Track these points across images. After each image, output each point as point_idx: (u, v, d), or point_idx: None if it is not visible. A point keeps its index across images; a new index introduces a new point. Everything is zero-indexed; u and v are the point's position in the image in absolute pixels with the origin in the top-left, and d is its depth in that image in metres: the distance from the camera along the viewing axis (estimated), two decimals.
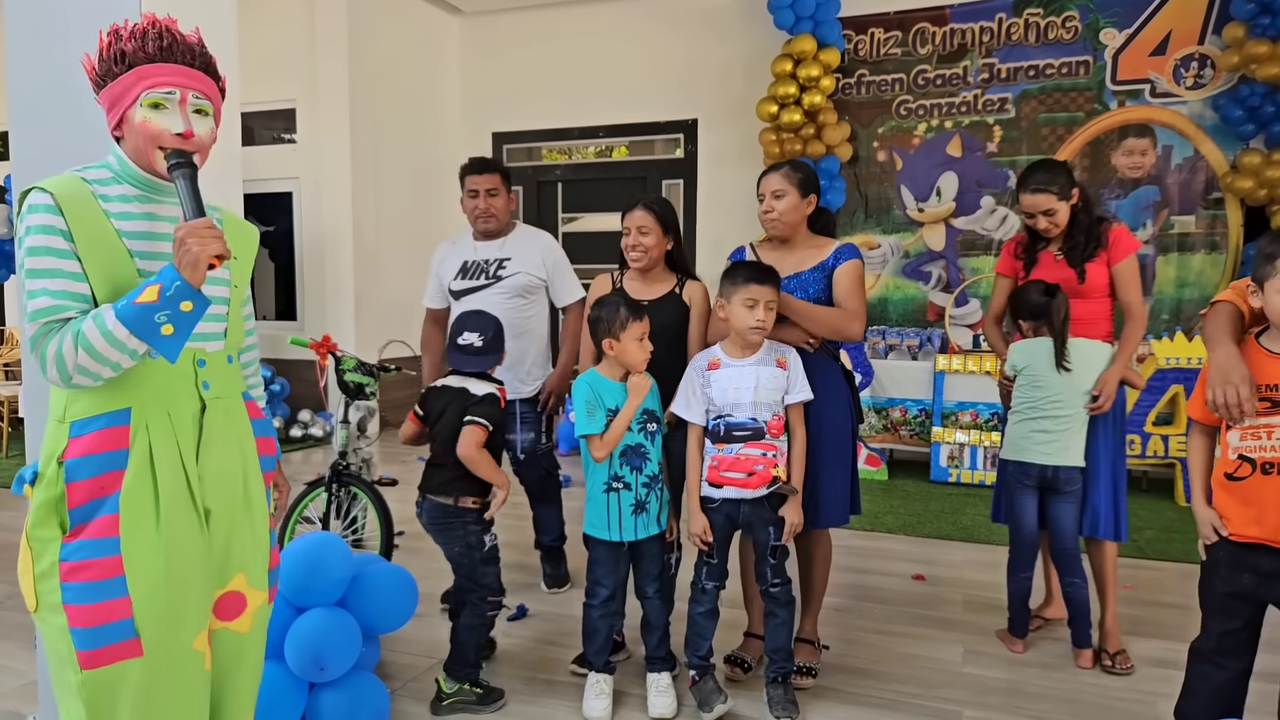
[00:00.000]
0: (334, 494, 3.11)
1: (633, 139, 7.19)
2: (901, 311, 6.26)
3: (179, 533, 1.48)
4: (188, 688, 1.50)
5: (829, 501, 2.55)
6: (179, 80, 1.48)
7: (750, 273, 2.37)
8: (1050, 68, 5.83)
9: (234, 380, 1.64)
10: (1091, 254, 2.75)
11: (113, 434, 1.45)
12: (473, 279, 3.18)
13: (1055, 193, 2.74)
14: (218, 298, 1.59)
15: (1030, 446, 2.75)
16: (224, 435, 1.57)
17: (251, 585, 1.61)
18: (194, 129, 1.50)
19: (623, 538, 2.44)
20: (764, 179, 2.61)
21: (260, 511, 1.64)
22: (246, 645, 1.63)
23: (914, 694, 2.57)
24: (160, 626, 1.45)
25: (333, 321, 6.64)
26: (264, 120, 6.93)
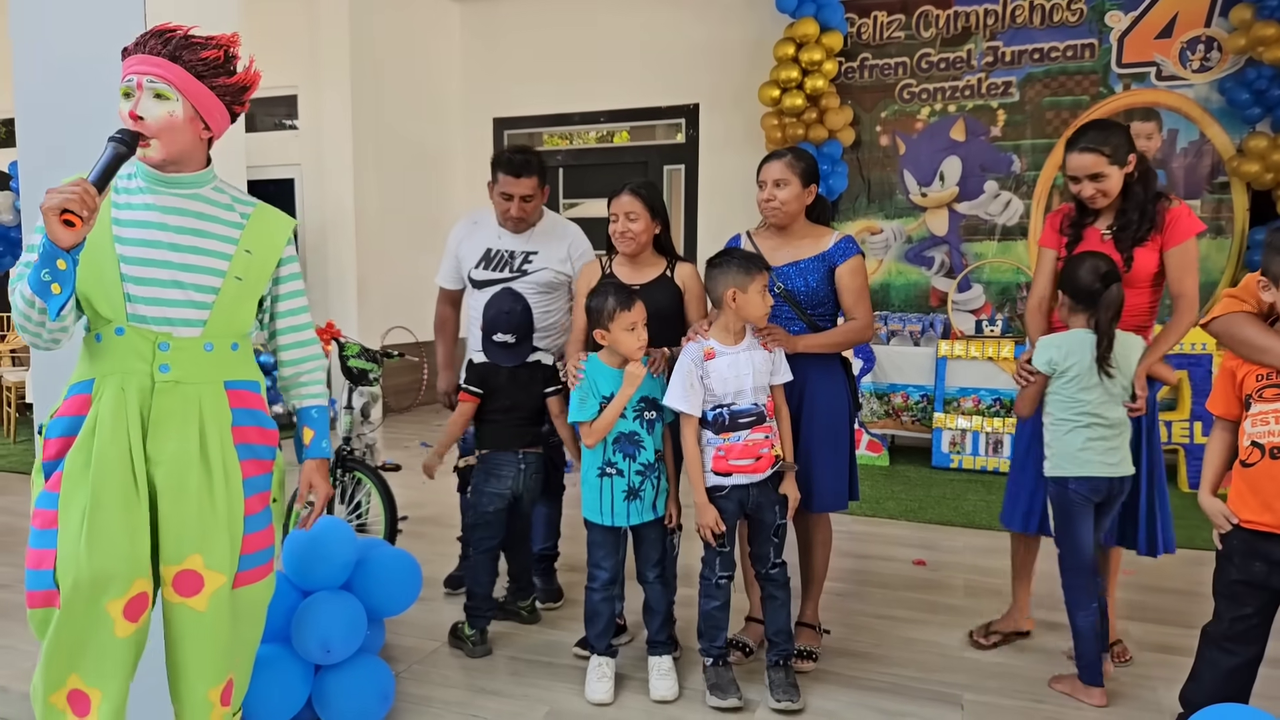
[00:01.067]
0: (338, 479, 3.13)
1: (634, 124, 7.16)
2: (904, 297, 6.25)
3: (107, 501, 1.59)
4: (99, 646, 1.61)
5: (824, 486, 2.57)
6: (137, 68, 1.60)
7: (759, 260, 2.40)
8: (1055, 51, 5.79)
9: (214, 368, 1.70)
10: (1144, 236, 2.41)
11: (80, 401, 1.64)
12: (496, 270, 3.01)
13: (1107, 155, 2.38)
14: (204, 286, 1.67)
15: (1093, 458, 2.36)
16: (181, 418, 1.65)
17: (209, 567, 1.68)
18: (141, 111, 1.60)
19: (614, 523, 2.47)
20: (765, 166, 2.59)
21: (231, 497, 1.70)
22: (204, 624, 1.69)
23: (915, 678, 2.59)
24: (74, 585, 1.57)
25: (335, 308, 6.65)
26: (266, 107, 6.90)
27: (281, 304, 1.86)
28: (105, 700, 1.62)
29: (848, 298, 2.57)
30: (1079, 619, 2.40)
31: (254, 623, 1.81)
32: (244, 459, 1.74)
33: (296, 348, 1.90)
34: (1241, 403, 1.96)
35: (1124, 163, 2.40)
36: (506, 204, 2.92)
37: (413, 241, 6.88)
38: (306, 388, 1.93)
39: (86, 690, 1.61)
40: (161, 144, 1.62)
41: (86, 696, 1.62)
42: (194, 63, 1.61)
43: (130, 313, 1.63)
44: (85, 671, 1.61)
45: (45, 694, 1.61)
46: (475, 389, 2.70)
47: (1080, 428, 2.37)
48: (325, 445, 1.95)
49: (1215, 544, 2.02)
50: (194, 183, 1.71)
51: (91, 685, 1.62)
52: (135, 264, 1.63)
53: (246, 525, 1.73)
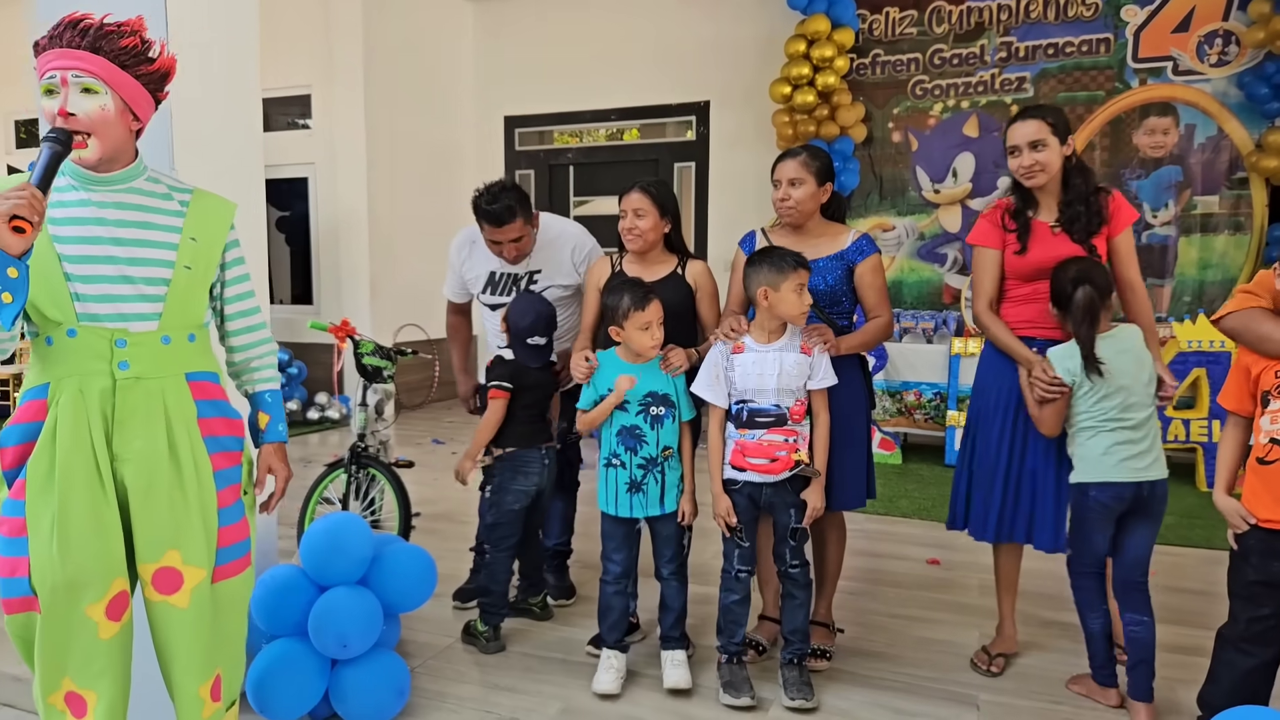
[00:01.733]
0: (353, 475, 3.14)
1: (644, 122, 7.15)
2: (916, 294, 6.22)
3: (75, 506, 1.57)
4: (85, 650, 1.60)
5: (842, 484, 2.55)
6: (58, 63, 1.55)
7: (796, 258, 2.35)
8: (1070, 46, 5.75)
9: (173, 361, 1.68)
10: (1096, 229, 2.38)
11: (36, 406, 1.61)
12: (504, 294, 2.98)
13: (1050, 123, 2.36)
14: (154, 279, 1.64)
15: (1119, 464, 2.25)
16: (146, 415, 1.63)
17: (187, 562, 1.67)
18: (72, 107, 1.54)
19: (619, 513, 2.49)
20: (780, 165, 2.56)
21: (204, 491, 1.69)
22: (188, 620, 1.69)
23: (929, 677, 2.57)
24: (52, 590, 1.56)
25: (349, 305, 6.68)
26: (280, 106, 6.94)
27: (230, 289, 1.82)
28: (101, 701, 1.62)
29: (870, 296, 2.56)
30: (1090, 621, 2.36)
31: (236, 617, 1.80)
32: (213, 452, 1.72)
33: (246, 333, 1.87)
34: (1257, 399, 1.94)
35: (1064, 139, 2.39)
36: (498, 248, 2.87)
37: (425, 239, 6.89)
38: (259, 373, 1.90)
39: (80, 693, 1.61)
40: (98, 140, 1.57)
41: (82, 699, 1.62)
42: (116, 53, 1.57)
43: (80, 312, 1.59)
44: (75, 675, 1.61)
45: (44, 695, 1.62)
46: (507, 384, 2.70)
47: (1105, 433, 2.27)
48: (281, 429, 1.91)
49: (1230, 544, 1.99)
50: (127, 176, 1.66)
51: (85, 688, 1.61)
52: (78, 262, 1.59)
53: (220, 518, 1.72)
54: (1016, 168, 2.43)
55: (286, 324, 6.48)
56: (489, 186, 2.82)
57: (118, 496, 1.63)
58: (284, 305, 7.06)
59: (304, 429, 6.36)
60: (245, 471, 1.82)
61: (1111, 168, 5.70)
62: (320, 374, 6.70)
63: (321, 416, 6.56)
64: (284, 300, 7.11)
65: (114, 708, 1.65)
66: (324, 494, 3.24)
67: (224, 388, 1.81)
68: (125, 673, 1.68)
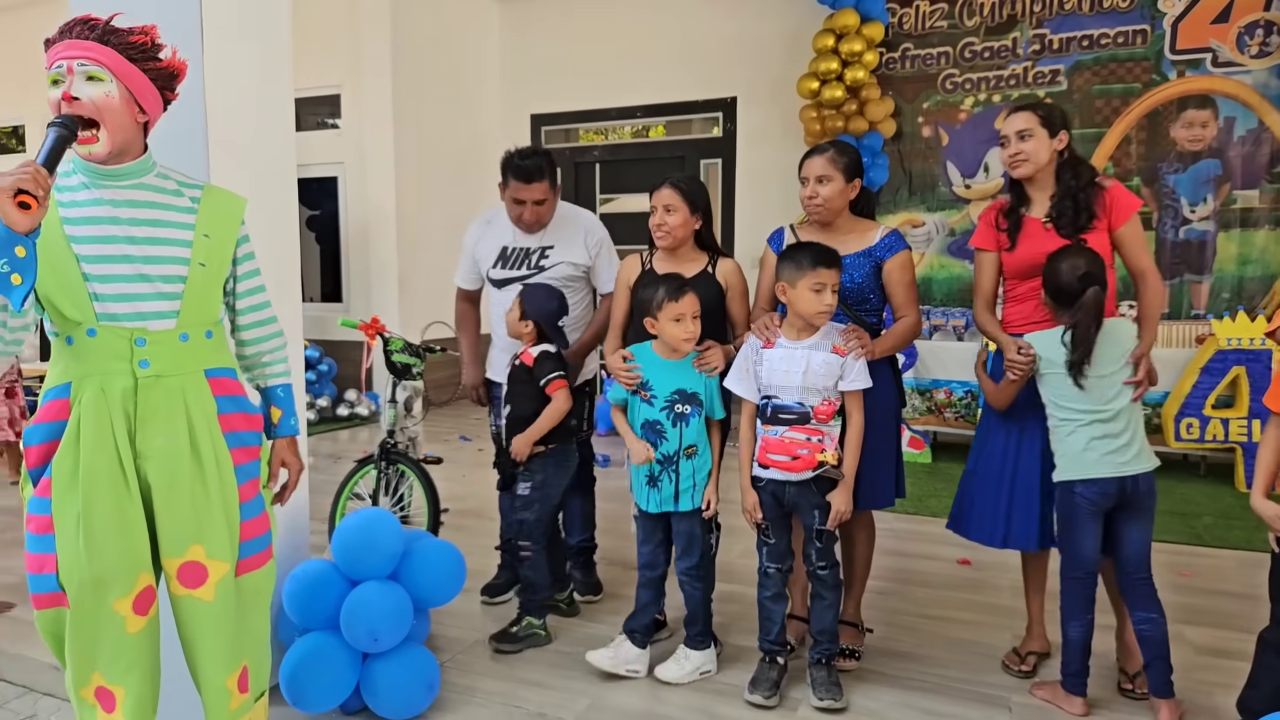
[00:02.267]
0: (383, 471, 3.16)
1: (670, 119, 7.14)
2: (946, 291, 6.15)
3: (100, 503, 1.59)
4: (114, 644, 1.62)
5: (872, 483, 2.52)
6: (64, 53, 1.56)
7: (817, 256, 2.33)
8: (1105, 38, 5.64)
9: (192, 358, 1.68)
10: (1085, 225, 2.35)
11: (59, 406, 1.62)
12: (514, 268, 2.99)
13: (1040, 116, 2.37)
14: (170, 276, 1.64)
15: (1099, 459, 2.22)
16: (167, 412, 1.64)
17: (211, 556, 1.69)
18: (76, 92, 1.55)
19: (638, 503, 2.55)
20: (807, 162, 2.53)
21: (225, 486, 1.71)
22: (213, 613, 1.71)
23: (960, 679, 2.55)
24: (79, 586, 1.58)
25: (377, 303, 6.74)
26: (310, 106, 7.01)
27: (242, 284, 1.83)
28: (129, 695, 1.64)
29: (898, 294, 2.53)
30: (1070, 628, 2.30)
31: (259, 609, 1.81)
32: (233, 447, 1.73)
33: (258, 327, 1.88)
34: None
35: (1054, 133, 2.38)
36: (519, 209, 2.88)
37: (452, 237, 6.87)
38: (270, 367, 1.91)
39: (110, 687, 1.63)
40: (107, 131, 1.56)
41: (111, 693, 1.64)
42: (124, 46, 1.58)
43: (100, 312, 1.59)
44: (104, 669, 1.63)
45: (76, 689, 1.64)
46: (566, 374, 2.72)
47: (1081, 426, 2.25)
48: (294, 423, 1.93)
49: (1272, 546, 1.95)
50: (136, 171, 1.66)
51: (114, 683, 1.63)
52: (95, 262, 1.59)
53: (242, 512, 1.73)
54: (1003, 158, 2.45)
55: (316, 321, 6.55)
56: (521, 148, 2.91)
57: (141, 493, 1.65)
58: (314, 303, 7.13)
59: (334, 425, 6.43)
60: (264, 466, 1.84)
61: (1148, 161, 5.59)
62: (350, 371, 6.77)
63: (351, 413, 6.63)
64: (314, 298, 7.19)
65: (142, 702, 1.66)
66: (354, 490, 3.27)
67: (242, 383, 1.82)
68: (154, 667, 1.70)
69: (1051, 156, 2.39)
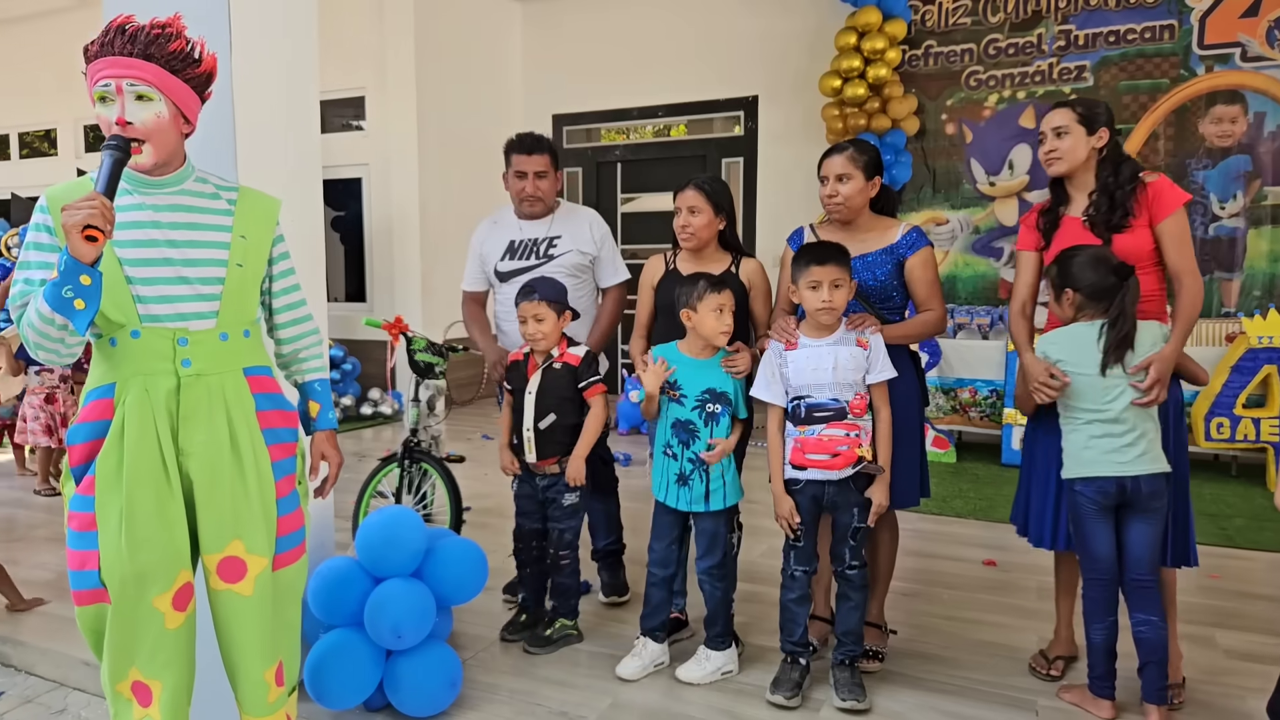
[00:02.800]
0: (406, 470, 3.19)
1: (692, 118, 7.13)
2: (971, 289, 6.10)
3: (142, 500, 1.61)
4: (153, 640, 1.65)
5: (896, 483, 2.50)
6: (112, 72, 1.58)
7: (810, 255, 2.35)
8: (1132, 33, 5.56)
9: (231, 357, 1.72)
10: (1121, 223, 2.29)
11: (102, 405, 1.65)
12: (522, 259, 3.02)
13: (1078, 114, 2.33)
14: (209, 278, 1.68)
15: (1097, 457, 2.22)
16: (208, 410, 1.68)
17: (250, 551, 1.72)
18: (129, 116, 1.58)
19: (667, 501, 2.52)
20: (826, 160, 2.53)
21: (264, 482, 1.74)
22: (252, 607, 1.74)
23: (986, 681, 2.52)
24: (121, 583, 1.61)
25: (400, 303, 6.78)
26: (335, 108, 7.08)
27: (278, 283, 1.87)
28: (165, 690, 1.67)
29: (920, 290, 2.51)
30: (1092, 631, 2.28)
31: (293, 604, 1.85)
32: (270, 444, 1.77)
33: (294, 325, 1.92)
34: None
35: (1093, 130, 2.33)
36: (521, 183, 2.97)
37: None
38: (307, 363, 1.96)
39: (147, 682, 1.67)
40: (153, 148, 1.62)
41: (148, 688, 1.67)
42: (166, 58, 1.61)
43: (143, 314, 1.63)
44: (142, 664, 1.66)
45: (111, 683, 1.67)
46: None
47: (1081, 425, 2.25)
48: (331, 416, 1.97)
49: None
50: (178, 179, 1.71)
51: (151, 677, 1.66)
52: (138, 265, 1.63)
53: (279, 508, 1.76)
54: (1039, 154, 2.42)
55: (341, 321, 6.61)
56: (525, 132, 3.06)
57: (183, 490, 1.68)
58: (338, 303, 7.20)
59: (358, 424, 6.49)
60: (299, 462, 1.87)
61: (1177, 158, 5.51)
62: (373, 370, 6.82)
63: (375, 412, 6.68)
64: (338, 298, 7.25)
65: (178, 696, 1.70)
66: (378, 488, 3.29)
67: (278, 380, 1.85)
68: (190, 662, 1.73)
69: (1090, 154, 2.35)
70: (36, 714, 2.53)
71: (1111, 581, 2.26)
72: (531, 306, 2.58)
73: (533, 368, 2.66)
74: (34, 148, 8.96)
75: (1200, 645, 2.73)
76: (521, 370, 2.69)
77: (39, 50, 8.35)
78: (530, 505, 2.74)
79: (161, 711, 1.67)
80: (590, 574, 3.23)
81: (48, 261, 1.57)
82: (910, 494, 2.56)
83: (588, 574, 3.23)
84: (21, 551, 3.66)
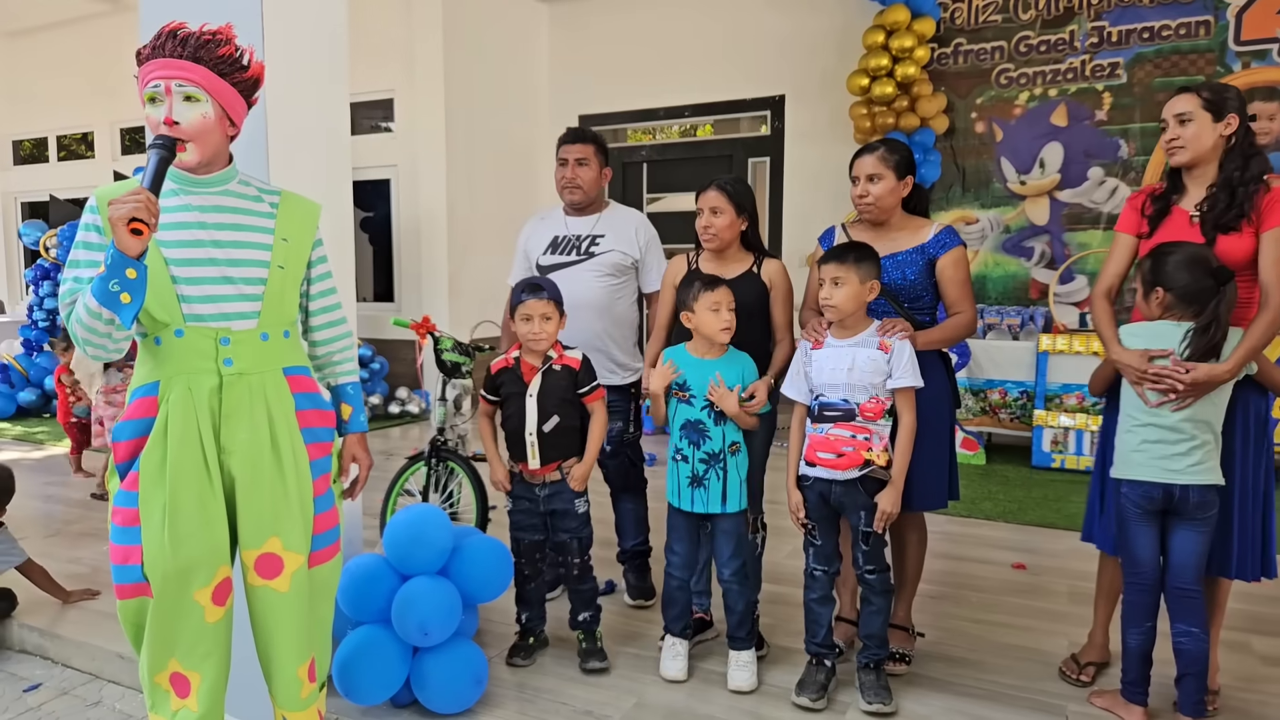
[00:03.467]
0: (433, 468, 3.21)
1: (718, 117, 7.11)
2: (1001, 289, 6.02)
3: (185, 497, 1.65)
4: (193, 633, 1.68)
5: (923, 484, 2.48)
6: (162, 73, 1.62)
7: (825, 255, 2.36)
8: (1166, 29, 5.47)
9: (272, 356, 1.75)
10: (1231, 224, 2.13)
11: (147, 403, 1.68)
12: (563, 254, 3.03)
13: (1204, 99, 2.17)
14: (252, 279, 1.71)
15: (1146, 461, 2.16)
16: (250, 408, 1.71)
17: (287, 548, 1.75)
18: (176, 116, 1.62)
19: (681, 505, 2.50)
20: (858, 160, 2.50)
21: (302, 480, 1.76)
22: (288, 604, 1.77)
23: (1015, 686, 2.49)
24: (163, 578, 1.64)
25: (428, 302, 6.84)
26: (364, 110, 7.16)
27: (315, 285, 1.91)
28: (204, 682, 1.71)
29: (951, 290, 2.48)
30: (1129, 635, 2.24)
31: (327, 601, 1.88)
32: (308, 443, 1.80)
33: (329, 327, 1.95)
34: None
35: (1221, 116, 2.17)
36: (563, 170, 3.01)
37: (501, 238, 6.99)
38: (341, 365, 1.99)
39: (185, 674, 1.70)
40: (198, 147, 1.65)
41: (186, 679, 1.71)
42: (215, 61, 1.64)
43: (187, 313, 1.67)
44: (182, 656, 1.69)
45: (150, 675, 1.71)
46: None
47: (1137, 426, 2.19)
48: (363, 419, 2.00)
49: None
50: (223, 179, 1.75)
51: (190, 670, 1.70)
52: (184, 265, 1.67)
53: (315, 506, 1.79)
54: (1161, 142, 2.28)
55: (369, 321, 6.67)
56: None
57: (223, 486, 1.71)
58: (366, 303, 7.27)
59: (385, 423, 6.55)
60: (335, 460, 1.90)
61: None
62: (401, 369, 6.88)
63: (402, 411, 6.74)
64: (366, 298, 7.32)
65: (215, 688, 1.73)
66: (405, 486, 3.33)
67: (316, 380, 1.89)
68: (227, 655, 1.76)
69: (1216, 143, 2.19)
70: (72, 706, 2.58)
71: (1152, 587, 2.21)
72: (541, 305, 2.49)
73: (529, 370, 2.53)
74: (71, 150, 9.16)
75: (1236, 651, 2.68)
76: (515, 374, 2.55)
77: (76, 55, 8.53)
78: (531, 518, 2.60)
79: (199, 703, 1.71)
80: (615, 574, 3.25)
81: (96, 260, 1.61)
82: (938, 496, 2.53)
83: (613, 574, 3.25)
84: (58, 546, 3.74)
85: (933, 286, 2.51)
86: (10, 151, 9.42)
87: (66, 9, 8.07)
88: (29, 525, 3.99)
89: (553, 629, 2.77)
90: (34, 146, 9.35)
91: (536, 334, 2.50)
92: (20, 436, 6.25)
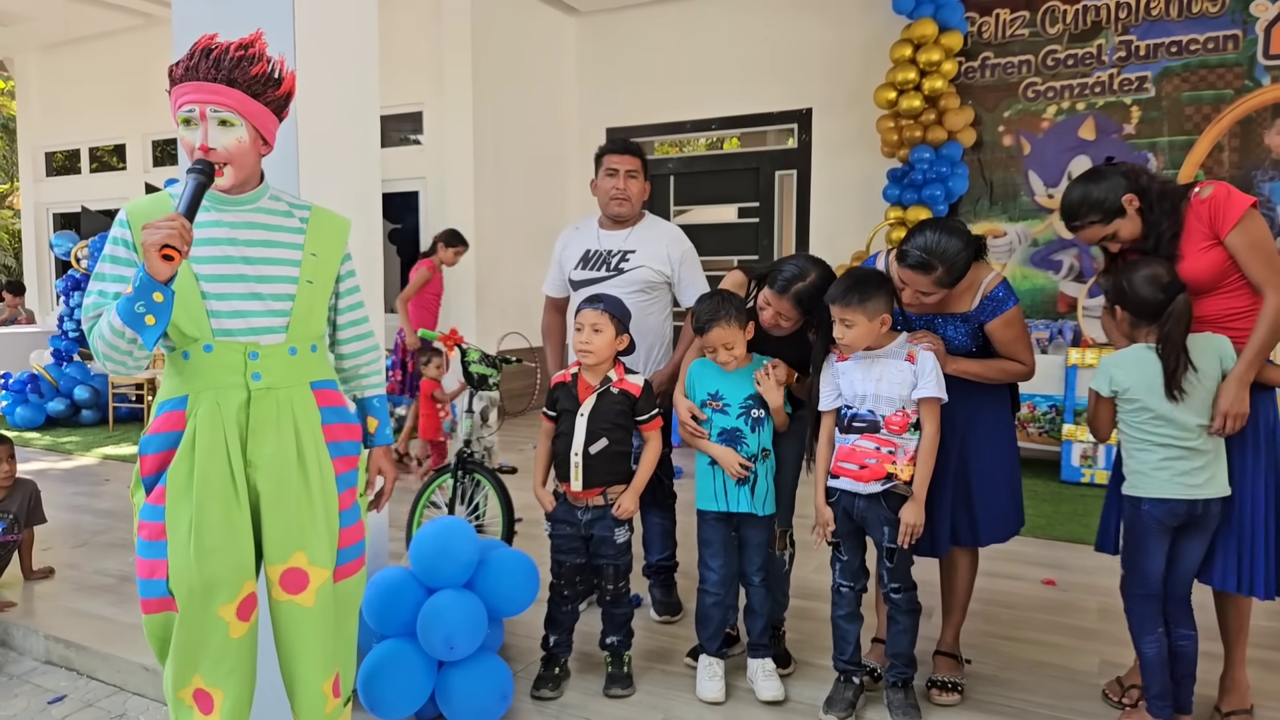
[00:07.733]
0: (459, 480, 3.22)
1: (745, 130, 7.13)
2: (1029, 303, 5.97)
3: (211, 511, 1.64)
4: (217, 649, 1.68)
5: (989, 515, 2.43)
6: (196, 97, 1.62)
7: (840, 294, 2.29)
8: (1195, 43, 5.43)
9: (299, 371, 1.75)
10: (1174, 253, 2.14)
11: (174, 417, 1.68)
12: (594, 269, 3.01)
13: (1099, 219, 2.20)
14: (281, 294, 1.72)
15: (1170, 479, 2.14)
16: (277, 423, 1.71)
17: (313, 563, 1.74)
18: (212, 142, 1.63)
19: (728, 506, 2.47)
20: (904, 272, 2.27)
21: (327, 494, 1.76)
22: (313, 619, 1.76)
23: (1045, 704, 2.45)
24: (189, 592, 1.63)
25: (455, 314, 6.88)
26: (393, 123, 7.24)
27: (343, 300, 1.92)
28: (227, 698, 1.70)
29: (1005, 350, 2.38)
30: (1144, 646, 2.23)
31: (351, 615, 1.87)
32: (334, 457, 1.80)
33: (357, 340, 1.96)
34: None
35: (1121, 211, 2.18)
36: (612, 181, 2.98)
37: (528, 250, 7.05)
38: (367, 379, 2.00)
39: (209, 690, 1.69)
40: (234, 170, 1.67)
41: (210, 696, 1.70)
42: (249, 83, 1.65)
43: (216, 328, 1.67)
44: (205, 672, 1.69)
45: (174, 690, 1.71)
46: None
47: (1155, 445, 2.16)
48: (388, 432, 2.02)
49: None
50: (254, 197, 1.76)
51: (213, 685, 1.69)
52: (214, 281, 1.67)
53: (341, 520, 1.79)
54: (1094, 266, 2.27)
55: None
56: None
57: (249, 501, 1.71)
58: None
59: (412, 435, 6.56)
60: (362, 474, 1.90)
61: (1241, 170, 5.34)
62: None
63: None
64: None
65: (239, 705, 1.73)
66: (431, 498, 3.34)
67: (343, 394, 1.89)
68: (251, 671, 1.76)
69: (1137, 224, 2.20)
70: (96, 718, 2.60)
71: (1159, 596, 2.24)
72: (593, 315, 2.45)
73: (585, 389, 2.48)
74: (104, 162, 9.33)
75: (1266, 670, 2.63)
76: (571, 391, 2.51)
77: (109, 68, 8.70)
78: (573, 541, 2.53)
79: (224, 719, 1.70)
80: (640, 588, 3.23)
81: (123, 275, 1.62)
82: (1004, 527, 2.48)
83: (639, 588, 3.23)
84: (84, 556, 3.77)
85: (985, 343, 2.41)
86: (44, 163, 9.61)
87: (100, 23, 8.24)
88: (56, 536, 4.03)
89: (580, 644, 2.74)
90: (66, 158, 9.53)
91: (584, 345, 2.46)
92: (49, 446, 6.33)
